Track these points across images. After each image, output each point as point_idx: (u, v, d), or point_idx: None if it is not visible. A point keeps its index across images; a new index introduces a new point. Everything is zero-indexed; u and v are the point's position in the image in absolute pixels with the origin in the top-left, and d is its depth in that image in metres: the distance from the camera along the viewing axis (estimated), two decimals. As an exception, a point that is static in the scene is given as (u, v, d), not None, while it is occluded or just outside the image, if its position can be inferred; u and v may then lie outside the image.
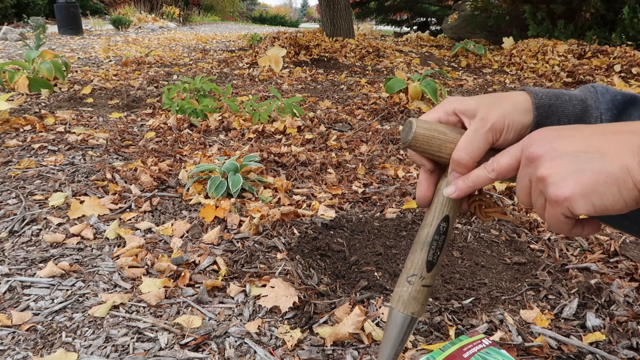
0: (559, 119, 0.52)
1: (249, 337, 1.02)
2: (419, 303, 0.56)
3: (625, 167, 0.40)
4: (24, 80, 3.24)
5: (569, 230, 0.46)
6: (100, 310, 1.08)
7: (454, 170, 0.53)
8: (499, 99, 0.53)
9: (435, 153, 0.53)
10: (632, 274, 1.31)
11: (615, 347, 1.03)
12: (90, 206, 1.57)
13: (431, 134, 0.52)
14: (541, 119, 0.52)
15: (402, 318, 0.56)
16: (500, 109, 0.51)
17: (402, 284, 0.56)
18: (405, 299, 0.56)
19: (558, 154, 0.43)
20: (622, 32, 6.03)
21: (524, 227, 1.60)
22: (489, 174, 0.50)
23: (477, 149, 0.51)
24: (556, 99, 0.52)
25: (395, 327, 0.56)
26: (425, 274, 0.55)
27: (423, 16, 14.10)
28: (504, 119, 0.51)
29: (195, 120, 2.66)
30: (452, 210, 0.55)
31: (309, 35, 7.22)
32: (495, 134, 0.51)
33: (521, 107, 0.52)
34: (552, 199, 0.43)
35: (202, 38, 9.25)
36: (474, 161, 0.51)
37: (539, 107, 0.52)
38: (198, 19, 19.30)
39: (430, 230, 0.55)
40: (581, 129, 0.45)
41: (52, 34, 8.95)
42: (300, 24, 28.47)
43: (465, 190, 0.52)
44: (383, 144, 2.47)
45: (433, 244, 0.55)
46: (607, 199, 0.41)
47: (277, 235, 1.45)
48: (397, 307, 0.56)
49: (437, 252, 0.55)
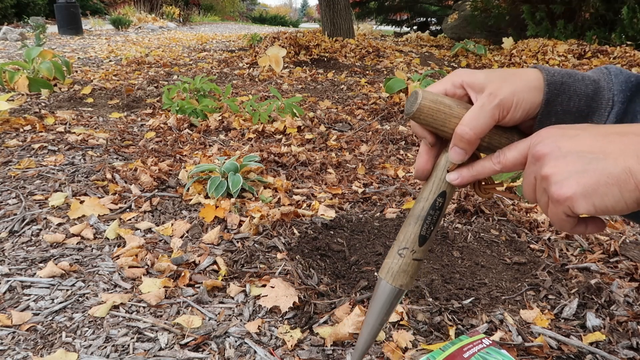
0: (570, 97, 0.51)
1: (249, 337, 1.02)
2: (408, 276, 0.56)
3: (627, 168, 0.40)
4: (24, 80, 3.24)
5: (571, 228, 0.46)
6: (100, 310, 1.08)
7: (455, 145, 0.51)
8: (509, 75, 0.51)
9: (438, 127, 0.52)
10: (632, 274, 1.31)
11: (615, 347, 1.03)
12: (90, 206, 1.57)
13: (436, 107, 0.51)
14: (552, 96, 0.51)
15: (390, 289, 0.57)
16: (510, 86, 0.50)
17: (393, 256, 0.56)
18: (395, 271, 0.56)
19: (562, 154, 0.44)
20: (622, 32, 6.03)
21: (524, 227, 1.60)
22: (495, 166, 0.50)
23: (482, 125, 0.50)
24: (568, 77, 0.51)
25: (382, 298, 0.57)
26: (417, 247, 0.55)
27: (423, 16, 14.10)
28: (513, 96, 0.50)
29: (195, 120, 2.66)
30: (449, 186, 0.54)
31: (309, 35, 7.23)
32: (502, 111, 0.50)
33: (532, 85, 0.51)
34: (554, 197, 0.44)
35: (202, 38, 9.25)
36: (478, 137, 0.50)
37: (551, 83, 0.50)
38: (198, 19, 19.30)
39: (425, 205, 0.54)
40: (587, 128, 0.45)
41: (52, 34, 8.95)
42: (300, 24, 28.47)
43: (468, 178, 0.52)
44: (383, 144, 2.47)
45: (427, 218, 0.54)
46: (608, 200, 0.41)
47: (277, 235, 1.45)
48: (386, 279, 0.56)
49: (430, 227, 0.55)
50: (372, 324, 0.59)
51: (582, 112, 0.52)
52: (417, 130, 0.55)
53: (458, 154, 0.52)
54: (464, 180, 0.53)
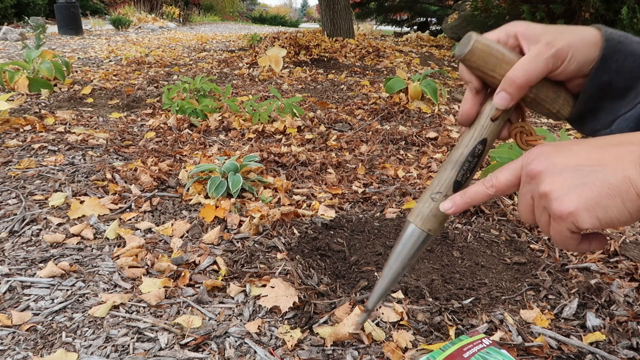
0: (626, 57, 0.50)
1: (249, 337, 1.02)
2: (438, 221, 0.55)
3: (627, 178, 0.40)
4: (24, 80, 3.24)
5: (576, 245, 0.45)
6: (100, 310, 1.08)
7: (503, 90, 0.51)
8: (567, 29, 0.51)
9: (488, 71, 0.52)
10: (632, 274, 1.31)
11: (615, 347, 1.03)
12: (90, 206, 1.57)
13: (489, 51, 0.51)
14: (609, 52, 0.50)
15: (418, 233, 0.55)
16: (567, 38, 0.50)
17: (425, 200, 0.55)
18: (425, 214, 0.55)
19: (558, 169, 0.43)
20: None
21: (524, 227, 1.60)
22: (488, 190, 0.50)
23: (535, 71, 0.49)
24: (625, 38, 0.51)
25: (410, 241, 0.56)
26: (451, 193, 0.54)
27: (423, 16, 14.10)
28: (569, 47, 0.49)
29: (195, 120, 2.66)
30: (491, 134, 0.53)
31: (309, 35, 7.23)
32: (557, 61, 0.49)
33: (589, 40, 0.50)
34: (557, 214, 0.43)
35: (202, 38, 9.25)
36: (529, 84, 0.50)
37: (608, 40, 0.50)
38: (198, 19, 19.30)
39: (465, 151, 0.54)
40: (580, 143, 0.45)
41: (52, 34, 8.95)
42: (300, 24, 28.46)
43: (462, 206, 0.52)
44: (383, 144, 2.47)
45: (465, 164, 0.53)
46: (611, 212, 0.40)
47: (277, 235, 1.45)
48: (415, 222, 0.55)
49: (467, 174, 0.54)
50: (395, 267, 0.57)
51: (635, 73, 0.50)
52: (464, 75, 0.55)
53: (504, 99, 0.51)
54: (457, 209, 0.52)
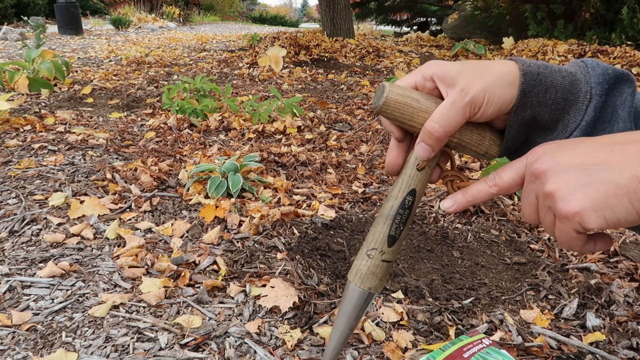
0: (547, 89, 0.48)
1: (249, 337, 1.02)
2: (377, 278, 0.54)
3: (634, 177, 0.38)
4: (24, 80, 3.24)
5: (581, 246, 0.44)
6: (100, 310, 1.08)
7: (422, 141, 0.49)
8: (483, 68, 0.49)
9: (406, 121, 0.50)
10: (632, 274, 1.31)
11: (615, 347, 1.03)
12: (90, 206, 1.57)
13: (404, 101, 0.49)
14: (528, 87, 0.48)
15: (358, 292, 0.54)
16: (482, 81, 0.48)
17: (362, 257, 0.54)
18: (363, 273, 0.54)
19: (563, 168, 0.42)
20: (622, 32, 6.03)
21: (524, 227, 1.60)
22: (490, 189, 0.48)
23: (452, 122, 0.48)
24: (545, 69, 0.49)
25: (351, 301, 0.55)
26: (386, 248, 0.53)
27: (423, 16, 14.11)
28: (484, 92, 0.47)
29: (195, 120, 2.66)
30: (419, 183, 0.52)
31: (309, 35, 7.22)
32: (473, 109, 0.48)
33: (506, 80, 0.48)
34: (562, 214, 0.41)
35: (202, 38, 9.25)
36: (447, 135, 0.49)
37: (527, 74, 0.48)
38: (198, 19, 19.30)
39: (395, 204, 0.52)
40: (585, 141, 0.44)
41: (52, 34, 8.95)
42: (300, 24, 28.46)
43: (463, 204, 0.50)
44: (383, 144, 2.47)
45: (397, 217, 0.52)
46: (619, 212, 0.39)
47: (277, 235, 1.45)
48: (354, 281, 0.54)
49: (400, 227, 0.53)
50: (341, 328, 0.57)
51: (559, 105, 0.49)
52: (385, 125, 0.54)
53: (425, 151, 0.50)
54: (459, 207, 0.51)
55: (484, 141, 0.52)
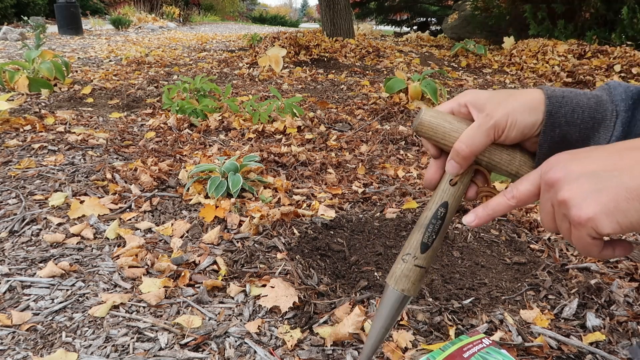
0: (573, 109, 0.52)
1: (249, 337, 1.02)
2: (410, 281, 0.59)
3: None
4: (24, 80, 3.24)
5: (599, 252, 0.45)
6: (100, 310, 1.08)
7: (452, 159, 0.55)
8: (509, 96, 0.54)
9: (439, 140, 0.56)
10: (632, 274, 1.31)
11: (615, 347, 1.03)
12: (90, 206, 1.57)
13: (437, 122, 0.55)
14: (554, 108, 0.52)
15: (392, 294, 0.59)
16: (506, 108, 0.52)
17: (398, 261, 0.60)
18: (397, 275, 0.59)
19: (575, 176, 0.43)
20: (622, 32, 6.03)
21: (523, 227, 1.60)
22: (509, 201, 0.51)
23: (477, 143, 0.53)
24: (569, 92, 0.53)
25: (386, 301, 0.60)
26: (419, 254, 0.58)
27: (423, 16, 14.11)
28: (507, 117, 0.52)
29: (195, 120, 2.66)
30: (451, 197, 0.57)
31: (309, 35, 7.22)
32: (497, 131, 0.52)
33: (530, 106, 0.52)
34: (575, 220, 0.43)
35: (202, 38, 9.25)
36: (473, 154, 0.53)
37: (551, 97, 0.52)
38: (198, 19, 19.30)
39: (429, 214, 0.58)
40: (597, 149, 0.45)
41: (52, 34, 8.95)
42: (300, 24, 28.46)
43: (484, 218, 0.53)
44: (383, 144, 2.47)
45: (429, 227, 0.57)
46: (631, 215, 0.40)
47: (277, 235, 1.45)
48: (390, 283, 0.60)
49: (432, 236, 0.58)
50: (377, 327, 0.62)
51: (587, 123, 0.52)
52: (424, 144, 0.59)
53: (453, 167, 0.55)
54: (481, 220, 0.53)
55: (514, 161, 0.56)
